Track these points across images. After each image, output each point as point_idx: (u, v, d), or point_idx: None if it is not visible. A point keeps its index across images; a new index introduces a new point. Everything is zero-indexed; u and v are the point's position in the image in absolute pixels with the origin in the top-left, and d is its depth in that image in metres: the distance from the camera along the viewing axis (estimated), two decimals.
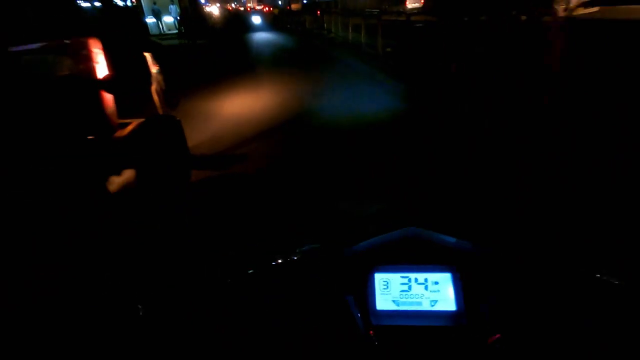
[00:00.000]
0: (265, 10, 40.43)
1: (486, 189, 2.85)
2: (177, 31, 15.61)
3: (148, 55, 3.40)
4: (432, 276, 0.67)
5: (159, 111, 3.49)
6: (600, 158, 3.22)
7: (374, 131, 4.46)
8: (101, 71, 2.65)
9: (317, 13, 19.03)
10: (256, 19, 26.68)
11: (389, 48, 9.63)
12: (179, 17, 15.20)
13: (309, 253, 0.70)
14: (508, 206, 2.36)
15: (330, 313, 0.65)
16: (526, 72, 5.06)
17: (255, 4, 53.69)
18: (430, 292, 0.67)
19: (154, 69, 3.51)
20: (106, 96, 2.70)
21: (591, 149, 3.42)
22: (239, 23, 23.87)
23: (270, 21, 26.29)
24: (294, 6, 28.32)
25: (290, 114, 5.36)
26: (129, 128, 2.90)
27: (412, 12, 11.19)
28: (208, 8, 32.61)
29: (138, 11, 16.94)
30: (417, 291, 0.67)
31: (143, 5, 17.64)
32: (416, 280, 0.68)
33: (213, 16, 22.38)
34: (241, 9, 51.79)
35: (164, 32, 18.89)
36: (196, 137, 4.36)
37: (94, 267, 2.00)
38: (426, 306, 0.66)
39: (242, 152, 4.03)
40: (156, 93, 3.46)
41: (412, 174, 3.24)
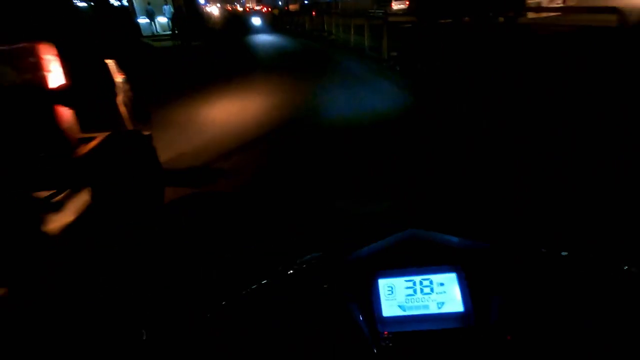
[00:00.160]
0: (264, 10, 40.07)
1: (484, 187, 2.85)
2: (171, 32, 14.97)
3: (111, 62, 3.10)
4: (437, 277, 0.66)
5: (127, 125, 3.22)
6: (589, 153, 3.27)
7: (380, 158, 3.75)
8: (54, 80, 2.36)
9: (313, 14, 18.69)
10: (256, 20, 25.80)
11: (395, 52, 9.00)
12: (172, 18, 14.49)
13: (311, 263, 0.68)
14: (508, 202, 2.24)
15: (335, 323, 0.63)
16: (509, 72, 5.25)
17: (254, 5, 53.46)
18: (436, 294, 0.65)
19: (119, 78, 3.18)
20: (61, 108, 2.43)
21: (575, 144, 3.47)
22: (238, 24, 23.30)
23: (269, 22, 25.56)
24: (292, 7, 27.66)
25: (282, 128, 4.75)
26: (91, 144, 2.63)
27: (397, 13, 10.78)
28: (208, 8, 32.26)
29: (129, 11, 16.23)
30: (423, 294, 0.66)
31: (135, 5, 16.85)
32: (421, 283, 0.66)
33: (213, 16, 21.79)
34: (240, 10, 51.68)
35: (157, 33, 18.16)
36: (178, 148, 4.00)
37: (91, 290, 1.81)
38: (433, 309, 0.65)
39: (227, 166, 3.67)
40: (123, 105, 3.17)
41: (411, 175, 3.16)
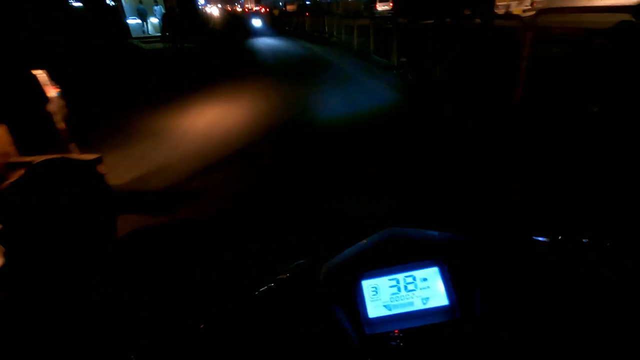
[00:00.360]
0: (262, 11, 39.37)
1: (461, 182, 2.79)
2: (161, 34, 14.03)
3: (41, 73, 2.76)
4: (420, 273, 0.66)
5: (65, 146, 2.92)
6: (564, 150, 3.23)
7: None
8: None
9: (307, 14, 18.05)
10: (256, 22, 24.60)
11: (404, 58, 8.08)
12: (162, 18, 13.56)
13: (295, 272, 0.68)
14: (486, 196, 2.32)
15: (323, 330, 0.62)
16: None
17: (252, 5, 52.85)
18: (420, 290, 0.65)
19: (53, 92, 2.83)
20: None
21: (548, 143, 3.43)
22: (237, 25, 22.45)
23: (269, 23, 24.58)
24: (290, 7, 26.81)
25: (277, 148, 3.99)
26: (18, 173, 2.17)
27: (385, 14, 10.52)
28: (208, 9, 31.60)
29: (118, 11, 15.30)
30: (408, 291, 0.65)
31: (124, 5, 15.88)
32: (404, 280, 0.66)
33: (212, 17, 21.07)
34: (239, 10, 51.16)
35: (149, 34, 17.20)
36: (152, 163, 3.62)
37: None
38: (418, 305, 0.65)
39: (209, 184, 3.20)
40: (60, 123, 2.87)
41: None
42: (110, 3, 14.86)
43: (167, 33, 13.54)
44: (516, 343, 0.57)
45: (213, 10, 34.59)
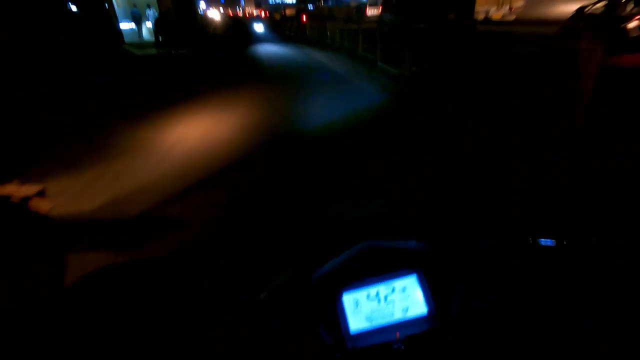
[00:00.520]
0: (262, 15, 38.84)
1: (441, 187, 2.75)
2: (154, 39, 13.31)
3: None
4: (399, 283, 0.66)
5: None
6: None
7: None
8: None
9: (303, 19, 17.25)
10: (258, 27, 23.63)
11: (414, 67, 7.39)
12: (155, 23, 12.84)
13: (277, 289, 0.67)
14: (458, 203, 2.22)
15: (306, 346, 0.61)
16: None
17: (252, 9, 52.44)
18: (400, 300, 0.65)
19: None
20: None
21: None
22: (239, 30, 21.77)
23: (270, 27, 23.84)
24: (289, 11, 26.24)
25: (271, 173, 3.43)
26: None
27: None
28: (209, 13, 31.15)
29: (109, 15, 14.59)
30: (387, 302, 0.65)
31: (117, 9, 15.16)
32: (385, 291, 0.65)
33: (214, 21, 20.49)
34: (240, 14, 50.80)
35: (143, 40, 16.47)
36: (127, 184, 3.26)
37: None
38: (399, 315, 0.64)
39: (181, 212, 2.83)
40: None
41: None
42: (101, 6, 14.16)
43: (160, 38, 12.86)
44: (501, 347, 0.56)
45: (214, 14, 34.24)
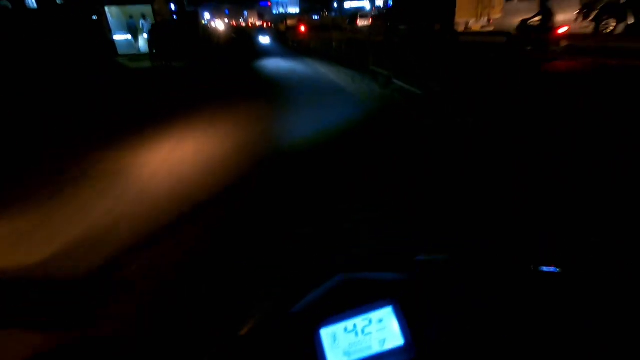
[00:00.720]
0: (265, 26, 38.36)
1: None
2: (148, 51, 12.46)
3: None
4: (375, 315, 0.65)
5: None
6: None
7: None
8: None
9: (302, 29, 16.34)
10: (264, 39, 22.56)
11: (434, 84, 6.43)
12: (149, 33, 12.01)
13: (256, 327, 0.66)
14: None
15: None
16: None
17: (255, 20, 52.20)
18: (377, 332, 0.64)
19: None
20: None
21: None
22: (243, 41, 20.97)
23: (275, 38, 23.08)
24: (290, 22, 25.59)
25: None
26: None
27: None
28: (213, 23, 30.47)
29: (102, 26, 13.79)
30: (365, 335, 0.64)
31: (110, 20, 14.34)
32: (362, 323, 0.65)
33: (217, 32, 19.78)
34: (243, 24, 50.48)
35: (139, 51, 15.63)
36: (82, 227, 2.65)
37: None
38: (376, 348, 0.63)
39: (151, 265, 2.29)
40: None
41: None
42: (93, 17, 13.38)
43: (154, 50, 12.03)
44: None
45: (219, 25, 33.74)
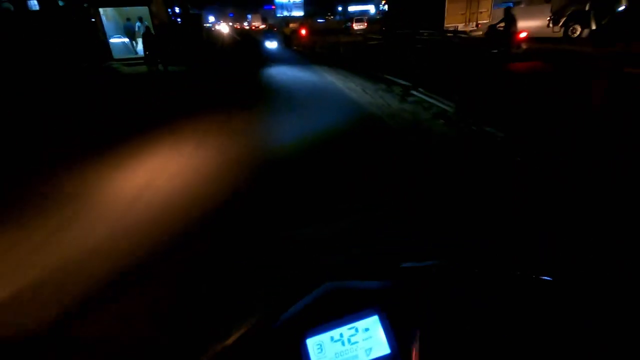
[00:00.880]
0: (268, 29, 37.72)
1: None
2: (143, 55, 11.71)
3: None
4: (362, 324, 0.65)
5: None
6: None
7: None
8: None
9: (303, 33, 15.66)
10: (271, 44, 21.36)
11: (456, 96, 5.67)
12: (143, 36, 11.26)
13: (242, 337, 0.65)
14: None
15: None
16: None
17: (259, 23, 51.58)
18: (363, 341, 0.64)
19: None
20: None
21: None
22: (249, 45, 20.15)
23: (278, 41, 22.30)
24: (292, 25, 24.90)
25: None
26: None
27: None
28: (218, 26, 29.74)
29: (97, 29, 13.06)
30: (351, 344, 0.64)
31: (106, 22, 13.62)
32: (348, 332, 0.65)
33: (222, 35, 19.10)
34: (246, 27, 49.94)
35: (137, 54, 14.89)
36: (41, 265, 2.25)
37: None
38: (362, 357, 0.63)
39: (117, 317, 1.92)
40: None
41: None
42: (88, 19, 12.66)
43: (147, 53, 11.30)
44: None
45: (223, 27, 33.21)
